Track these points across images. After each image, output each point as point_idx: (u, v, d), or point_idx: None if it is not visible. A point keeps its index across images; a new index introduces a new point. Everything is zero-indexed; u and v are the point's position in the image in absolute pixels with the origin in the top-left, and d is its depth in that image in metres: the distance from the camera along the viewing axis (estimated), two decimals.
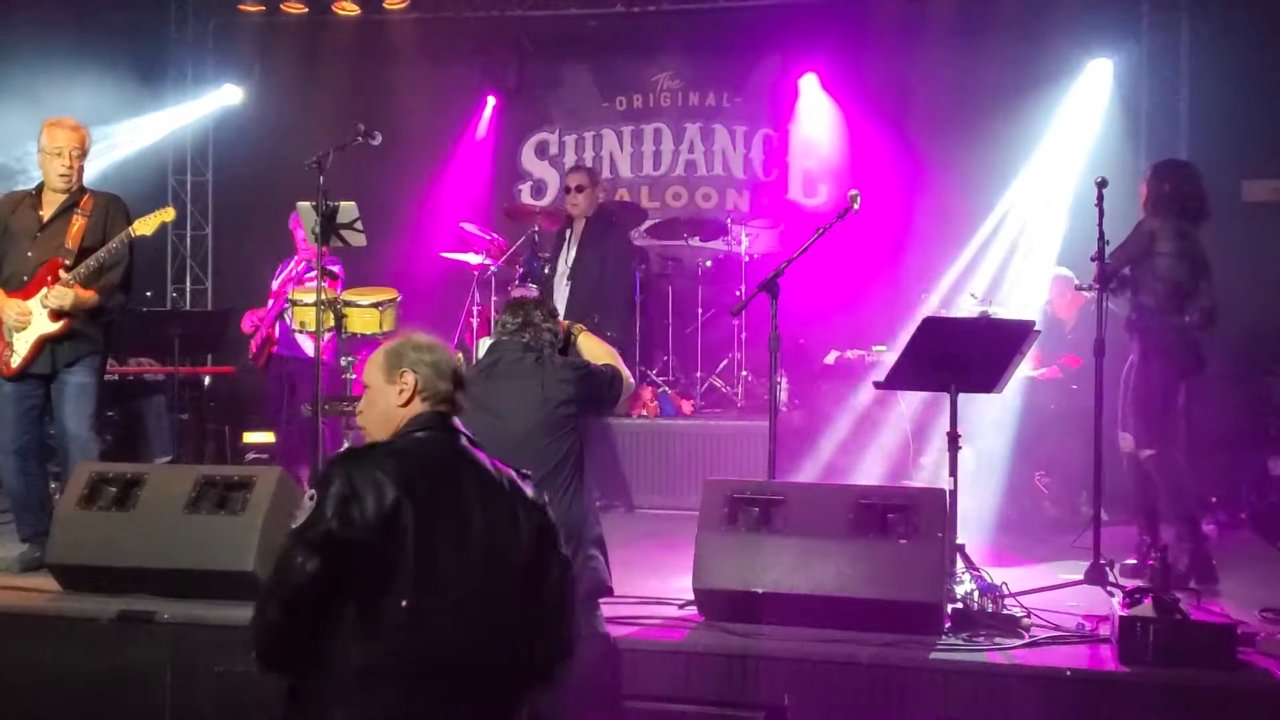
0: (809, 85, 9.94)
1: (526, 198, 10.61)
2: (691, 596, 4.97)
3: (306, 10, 9.47)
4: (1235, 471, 7.72)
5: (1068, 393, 7.35)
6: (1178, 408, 6.03)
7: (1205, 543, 5.91)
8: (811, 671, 4.53)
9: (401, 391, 3.27)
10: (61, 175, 5.90)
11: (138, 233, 5.83)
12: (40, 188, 5.99)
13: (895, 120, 9.76)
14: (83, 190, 5.99)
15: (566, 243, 8.17)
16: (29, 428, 5.95)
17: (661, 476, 8.10)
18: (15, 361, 5.82)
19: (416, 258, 9.38)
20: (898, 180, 9.56)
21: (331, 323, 6.04)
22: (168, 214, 5.95)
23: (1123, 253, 5.93)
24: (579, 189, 8.12)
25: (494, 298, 9.24)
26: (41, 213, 5.93)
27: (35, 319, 5.81)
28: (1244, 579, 5.99)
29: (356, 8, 9.45)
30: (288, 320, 7.14)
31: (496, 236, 9.04)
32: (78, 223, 5.88)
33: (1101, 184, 5.84)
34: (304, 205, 6.16)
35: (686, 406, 8.60)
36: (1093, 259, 5.82)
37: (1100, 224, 5.82)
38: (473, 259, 8.70)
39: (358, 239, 6.37)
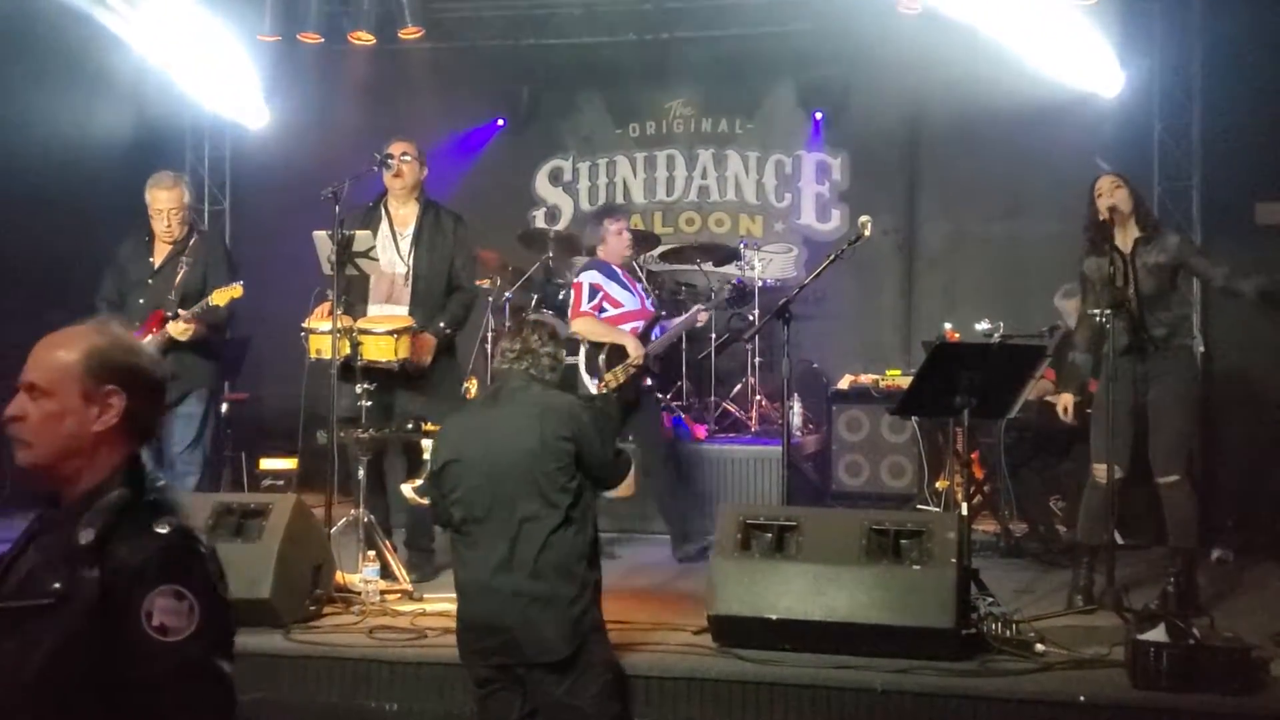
0: (818, 114, 10.01)
1: (540, 223, 10.67)
2: (705, 623, 4.99)
3: (322, 40, 9.55)
4: (1252, 495, 7.69)
5: (1082, 415, 7.34)
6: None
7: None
8: (825, 698, 4.54)
9: (103, 414, 2.39)
10: (165, 231, 6.61)
11: (213, 303, 6.43)
12: (153, 233, 6.68)
13: (906, 144, 9.80)
14: (189, 235, 6.70)
15: (393, 236, 6.57)
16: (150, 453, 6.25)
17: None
18: None
19: None
20: (910, 205, 9.60)
21: (347, 350, 6.06)
22: (236, 291, 6.47)
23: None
24: (404, 156, 6.54)
25: (508, 323, 9.28)
26: (153, 259, 6.67)
27: None
28: (1259, 603, 5.99)
29: (372, 38, 9.51)
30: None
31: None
32: (181, 271, 6.58)
33: (1112, 210, 5.84)
34: (320, 234, 6.21)
35: (700, 431, 8.61)
36: (1102, 286, 5.81)
37: (1112, 247, 5.83)
38: (486, 284, 8.73)
39: (372, 267, 6.41)
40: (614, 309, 7.27)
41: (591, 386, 7.07)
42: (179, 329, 6.39)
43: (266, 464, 8.61)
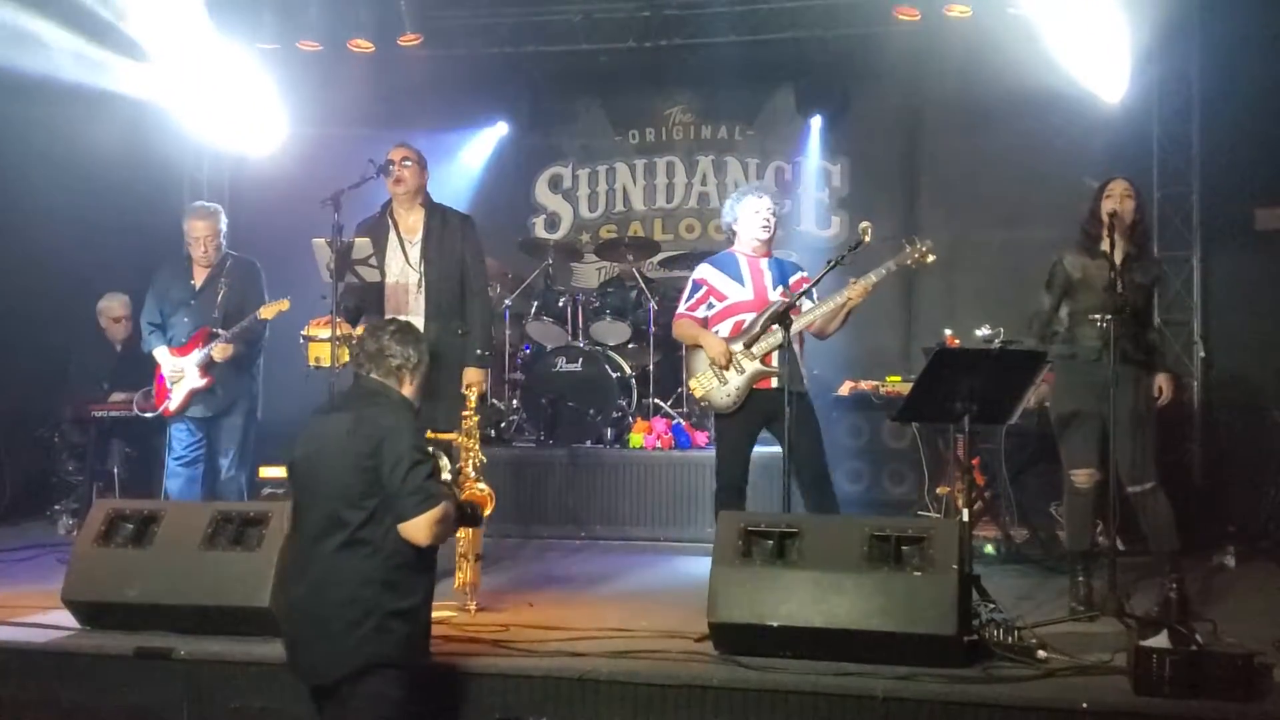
0: (817, 120, 10.02)
1: (540, 231, 10.67)
2: (706, 630, 4.97)
3: (321, 48, 9.55)
4: (1254, 502, 7.69)
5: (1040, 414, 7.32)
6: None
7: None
8: (827, 705, 4.52)
9: None
10: (202, 256, 7.28)
11: (261, 316, 7.05)
12: (190, 257, 7.33)
13: (906, 150, 9.80)
14: (225, 259, 7.34)
15: (401, 244, 6.54)
16: (194, 450, 7.22)
17: (677, 508, 8.11)
18: (173, 406, 7.16)
19: None
20: (910, 211, 9.59)
21: (346, 358, 6.06)
22: (284, 305, 7.08)
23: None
24: (405, 161, 6.49)
25: (508, 331, 9.29)
26: (194, 282, 7.29)
27: (187, 375, 7.10)
28: (1262, 609, 5.98)
29: (371, 45, 9.52)
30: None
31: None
32: (222, 292, 7.23)
33: (1113, 215, 5.85)
34: (318, 241, 6.20)
35: (701, 438, 8.60)
36: (1104, 289, 5.81)
37: (1111, 255, 5.83)
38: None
39: (372, 275, 6.39)
40: (719, 303, 6.34)
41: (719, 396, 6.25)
42: (220, 351, 7.06)
43: (266, 472, 8.58)
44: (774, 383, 6.12)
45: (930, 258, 6.14)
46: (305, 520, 4.35)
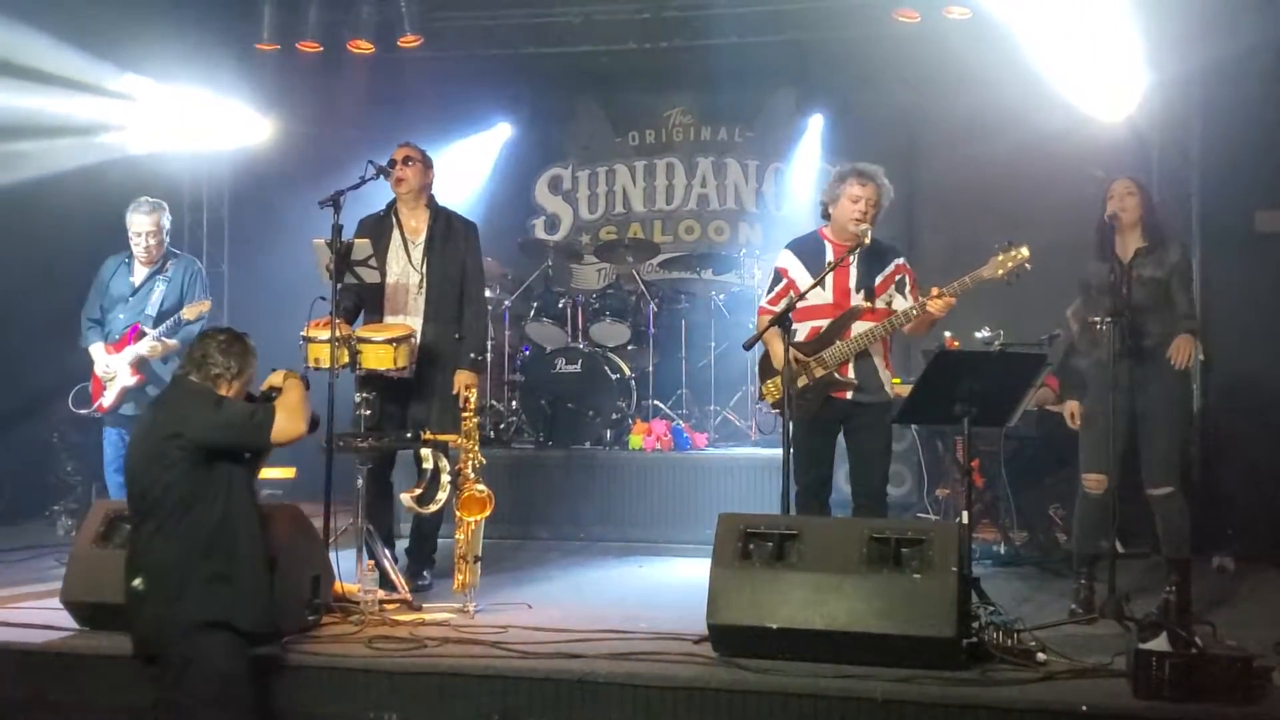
0: (816, 121, 10.02)
1: (540, 232, 10.68)
2: (706, 631, 4.97)
3: (321, 49, 9.53)
4: (1253, 503, 7.68)
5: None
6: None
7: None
8: (826, 708, 4.52)
9: None
10: (143, 253, 7.22)
11: (184, 317, 7.07)
12: (132, 254, 7.28)
13: (905, 152, 9.78)
14: (166, 256, 7.30)
15: (404, 244, 6.50)
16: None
17: (676, 510, 8.11)
18: (106, 403, 7.17)
19: None
20: (909, 213, 9.58)
21: (346, 359, 6.05)
22: (205, 305, 7.19)
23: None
24: (407, 161, 6.47)
25: (508, 332, 9.29)
26: (133, 279, 7.26)
27: (119, 373, 7.10)
28: (1261, 611, 5.98)
29: (371, 46, 9.51)
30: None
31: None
32: (159, 290, 7.21)
33: (1112, 218, 5.85)
34: (318, 241, 6.19)
35: (700, 440, 8.60)
36: (1103, 292, 5.81)
37: (1113, 257, 5.83)
38: (487, 292, 8.71)
39: (371, 276, 6.38)
40: (799, 302, 5.82)
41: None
42: (149, 348, 7.07)
43: (264, 473, 8.57)
44: (849, 394, 5.81)
45: (1028, 266, 5.67)
46: (132, 510, 4.81)
